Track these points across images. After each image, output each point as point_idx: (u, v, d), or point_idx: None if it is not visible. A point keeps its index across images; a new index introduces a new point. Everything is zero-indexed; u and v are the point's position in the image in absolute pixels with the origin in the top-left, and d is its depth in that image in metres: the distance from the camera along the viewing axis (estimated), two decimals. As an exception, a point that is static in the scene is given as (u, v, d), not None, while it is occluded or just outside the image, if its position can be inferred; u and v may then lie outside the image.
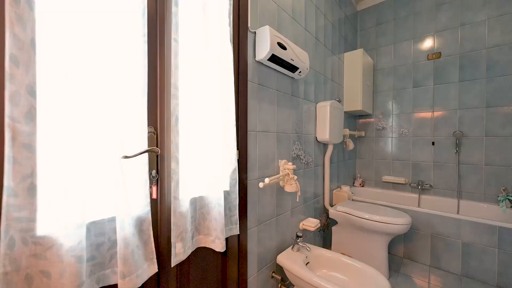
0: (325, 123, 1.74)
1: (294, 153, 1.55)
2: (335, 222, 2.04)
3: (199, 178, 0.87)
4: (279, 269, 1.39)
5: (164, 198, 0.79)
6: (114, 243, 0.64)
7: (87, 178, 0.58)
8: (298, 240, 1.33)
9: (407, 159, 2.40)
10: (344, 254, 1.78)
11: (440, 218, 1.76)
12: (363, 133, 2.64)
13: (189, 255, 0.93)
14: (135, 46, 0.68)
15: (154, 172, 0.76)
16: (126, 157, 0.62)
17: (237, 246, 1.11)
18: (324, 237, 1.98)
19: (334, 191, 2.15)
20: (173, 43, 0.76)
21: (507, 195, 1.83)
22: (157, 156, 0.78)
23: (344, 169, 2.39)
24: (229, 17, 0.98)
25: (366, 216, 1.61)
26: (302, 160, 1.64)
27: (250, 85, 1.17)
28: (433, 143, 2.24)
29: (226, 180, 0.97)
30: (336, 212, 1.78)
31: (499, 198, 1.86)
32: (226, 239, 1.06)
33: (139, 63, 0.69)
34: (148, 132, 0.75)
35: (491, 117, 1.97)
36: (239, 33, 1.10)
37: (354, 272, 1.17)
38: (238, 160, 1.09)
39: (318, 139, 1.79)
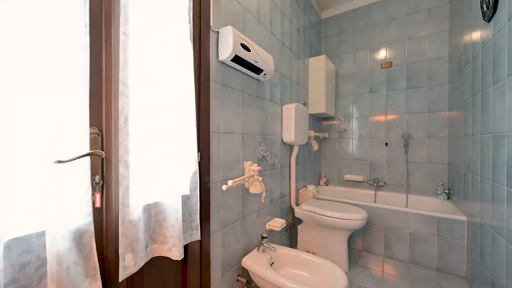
0: (291, 125, 1.79)
1: (260, 155, 1.56)
2: (301, 221, 2.11)
3: (154, 183, 0.82)
4: (245, 272, 1.38)
5: (111, 206, 0.71)
6: (44, 261, 0.56)
7: (6, 187, 0.50)
8: (263, 241, 1.33)
9: (365, 158, 2.60)
10: (309, 252, 1.85)
11: (392, 212, 1.94)
12: (327, 135, 2.79)
13: (144, 266, 0.86)
14: (74, 37, 0.60)
15: (98, 177, 0.69)
16: (59, 161, 0.55)
17: (199, 252, 1.06)
18: (290, 236, 2.03)
19: (300, 190, 2.22)
20: (121, 36, 0.70)
21: (444, 189, 2.09)
22: (102, 160, 0.70)
23: (309, 169, 2.49)
24: (189, 14, 0.94)
25: (329, 213, 1.69)
26: (269, 161, 1.66)
27: (212, 85, 1.14)
28: (386, 144, 2.47)
29: (185, 184, 0.93)
30: (301, 211, 1.84)
31: (438, 192, 2.13)
32: (187, 245, 1.01)
33: (79, 56, 0.61)
34: (91, 134, 0.67)
35: (432, 121, 2.25)
36: (200, 31, 1.06)
37: (315, 268, 1.22)
38: (199, 162, 1.05)
39: (284, 141, 1.84)
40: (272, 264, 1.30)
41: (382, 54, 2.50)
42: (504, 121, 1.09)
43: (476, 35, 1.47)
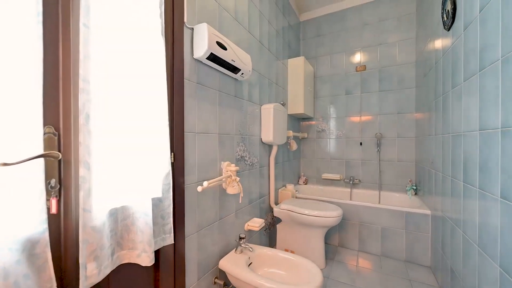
0: (269, 125, 1.80)
1: (238, 155, 1.55)
2: (280, 220, 2.13)
3: (122, 186, 0.77)
4: (223, 274, 1.36)
5: (70, 212, 0.66)
6: (-14, 276, 0.50)
7: None
8: (241, 242, 1.32)
9: (341, 157, 2.70)
10: (288, 250, 1.87)
11: (365, 208, 2.03)
12: (306, 135, 2.85)
13: (110, 274, 0.81)
14: (25, 26, 0.55)
15: (54, 181, 0.63)
16: (4, 164, 0.49)
17: (172, 256, 1.03)
18: (270, 235, 2.04)
19: (279, 190, 2.25)
20: (82, 28, 0.64)
21: (412, 185, 2.24)
22: (59, 161, 0.64)
23: (289, 168, 2.53)
24: (160, 8, 0.90)
25: (306, 212, 1.73)
26: (247, 161, 1.65)
27: (187, 84, 1.11)
28: (361, 144, 2.59)
29: (157, 185, 0.89)
30: (280, 210, 1.86)
31: (406, 188, 2.27)
32: (159, 250, 0.97)
33: (31, 47, 0.56)
34: (45, 133, 0.62)
35: (401, 122, 2.40)
36: (173, 27, 1.02)
37: (291, 266, 1.23)
38: (173, 163, 1.02)
39: (263, 141, 1.84)
40: (250, 264, 1.29)
41: (357, 57, 2.61)
42: (461, 122, 1.19)
43: (438, 42, 1.59)
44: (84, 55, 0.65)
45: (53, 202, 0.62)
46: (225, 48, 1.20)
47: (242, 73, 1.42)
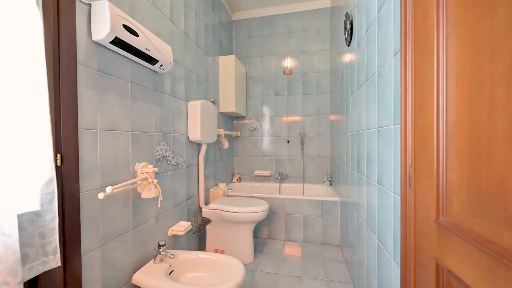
0: (197, 123, 1.72)
1: (159, 154, 1.41)
2: (210, 221, 2.08)
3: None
4: (139, 289, 1.21)
5: None
6: None
7: None
8: (160, 250, 1.21)
9: (272, 155, 2.88)
10: (218, 250, 1.85)
11: (290, 201, 2.23)
12: (239, 133, 2.90)
13: None
14: None
15: None
16: None
17: (62, 281, 0.83)
18: (200, 238, 1.97)
19: (211, 189, 2.20)
20: None
21: (327, 177, 2.60)
22: None
23: (221, 167, 2.51)
24: (34, -30, 0.71)
25: (236, 209, 1.74)
26: (170, 161, 1.53)
27: (83, 70, 0.92)
28: (288, 142, 2.82)
29: (32, 196, 0.70)
30: (209, 210, 1.81)
31: (323, 180, 2.62)
32: (37, 277, 0.77)
33: None
34: None
35: (320, 122, 2.74)
36: (58, -2, 0.82)
37: (214, 266, 1.21)
38: (60, 167, 0.82)
39: (190, 139, 1.75)
40: (171, 272, 1.20)
41: (284, 62, 2.83)
42: (356, 123, 1.45)
43: (343, 56, 1.88)
44: None
45: None
46: (136, 34, 1.06)
47: (161, 65, 1.29)
